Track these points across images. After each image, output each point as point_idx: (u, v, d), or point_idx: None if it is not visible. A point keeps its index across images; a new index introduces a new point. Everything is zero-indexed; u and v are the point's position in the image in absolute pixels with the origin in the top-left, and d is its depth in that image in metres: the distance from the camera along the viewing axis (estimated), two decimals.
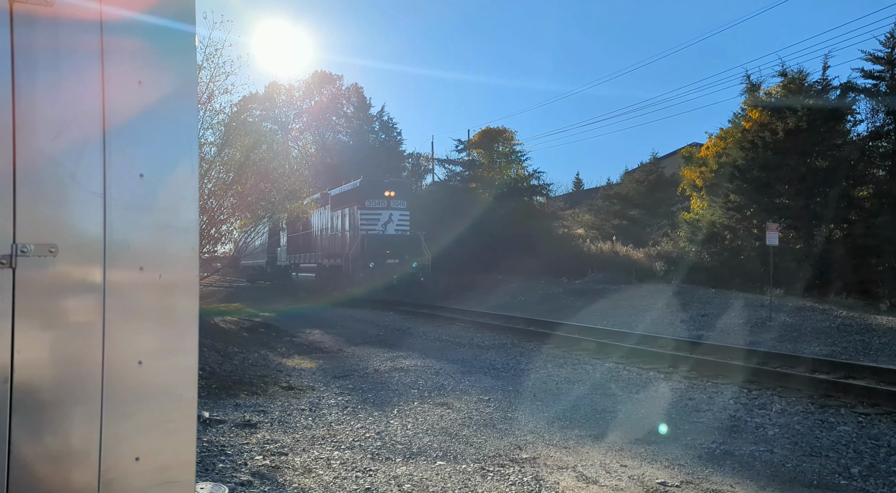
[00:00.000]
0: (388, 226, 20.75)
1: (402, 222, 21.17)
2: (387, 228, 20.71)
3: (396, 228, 20.97)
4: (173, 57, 2.53)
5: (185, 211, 2.55)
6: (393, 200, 20.85)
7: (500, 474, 4.33)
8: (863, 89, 19.91)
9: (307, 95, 45.42)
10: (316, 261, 23.86)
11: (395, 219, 20.93)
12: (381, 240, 20.32)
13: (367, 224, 20.36)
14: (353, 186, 22.03)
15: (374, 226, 20.47)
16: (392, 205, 20.82)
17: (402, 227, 21.13)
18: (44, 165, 2.27)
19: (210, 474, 4.15)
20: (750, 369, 8.20)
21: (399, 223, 21.05)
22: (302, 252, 26.17)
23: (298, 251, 26.63)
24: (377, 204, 20.66)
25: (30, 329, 2.26)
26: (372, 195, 20.72)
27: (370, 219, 20.45)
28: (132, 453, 2.42)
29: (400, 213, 21.10)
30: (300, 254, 26.34)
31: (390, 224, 20.83)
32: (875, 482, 4.31)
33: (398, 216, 21.04)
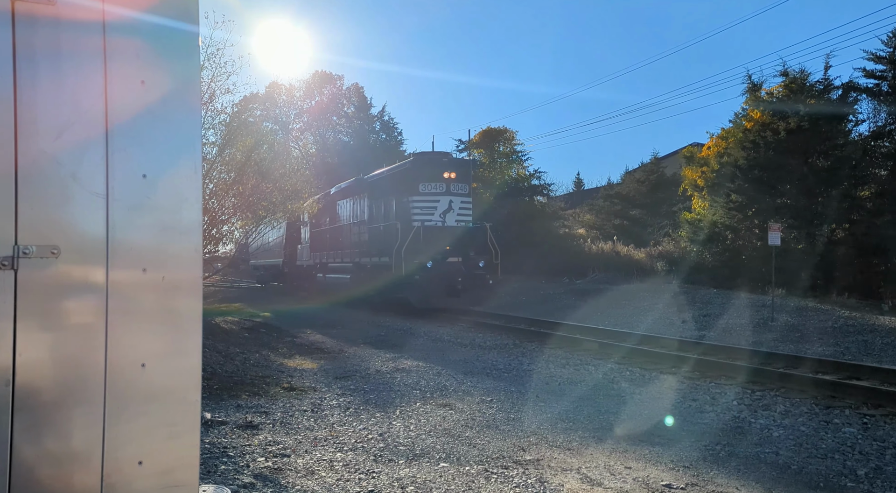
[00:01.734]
0: (447, 215, 16.62)
1: (465, 211, 17.02)
2: (446, 218, 16.61)
3: (458, 218, 16.80)
4: (176, 57, 2.51)
5: (187, 212, 2.53)
6: (453, 183, 16.71)
7: (504, 476, 4.30)
8: (865, 89, 19.88)
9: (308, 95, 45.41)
10: (351, 260, 19.68)
11: (455, 207, 16.70)
12: (439, 233, 16.31)
13: (422, 213, 16.41)
14: (402, 167, 17.79)
15: (431, 215, 16.42)
16: (452, 189, 16.69)
17: (464, 216, 16.94)
18: (46, 166, 2.25)
19: (212, 476, 4.13)
20: (753, 370, 8.18)
21: (461, 212, 16.86)
22: (331, 250, 22.11)
23: (326, 249, 22.61)
24: (434, 188, 16.57)
25: (32, 331, 2.24)
26: (427, 177, 16.57)
27: (425, 207, 16.48)
28: (135, 456, 2.40)
29: (462, 199, 16.90)
30: (328, 252, 22.25)
31: (450, 213, 16.67)
32: (882, 485, 4.28)
33: (460, 203, 16.85)
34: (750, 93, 22.19)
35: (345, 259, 20.26)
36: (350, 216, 20.92)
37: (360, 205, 20.05)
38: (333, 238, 22.13)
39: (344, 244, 20.77)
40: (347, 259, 19.99)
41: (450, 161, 17.48)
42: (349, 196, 21.09)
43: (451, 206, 16.70)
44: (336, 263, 21.19)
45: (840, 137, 19.97)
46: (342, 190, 22.15)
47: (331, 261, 21.76)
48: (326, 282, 22.10)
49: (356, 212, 20.41)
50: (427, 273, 15.69)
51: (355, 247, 19.60)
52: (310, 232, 24.61)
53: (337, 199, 22.43)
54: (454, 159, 17.72)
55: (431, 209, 16.55)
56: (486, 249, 16.93)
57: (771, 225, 14.71)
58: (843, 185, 19.02)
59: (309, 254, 24.48)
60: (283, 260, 27.63)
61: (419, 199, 16.61)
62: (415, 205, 16.61)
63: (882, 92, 19.43)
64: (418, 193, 16.58)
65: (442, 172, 16.71)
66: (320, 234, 23.64)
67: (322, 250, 23.00)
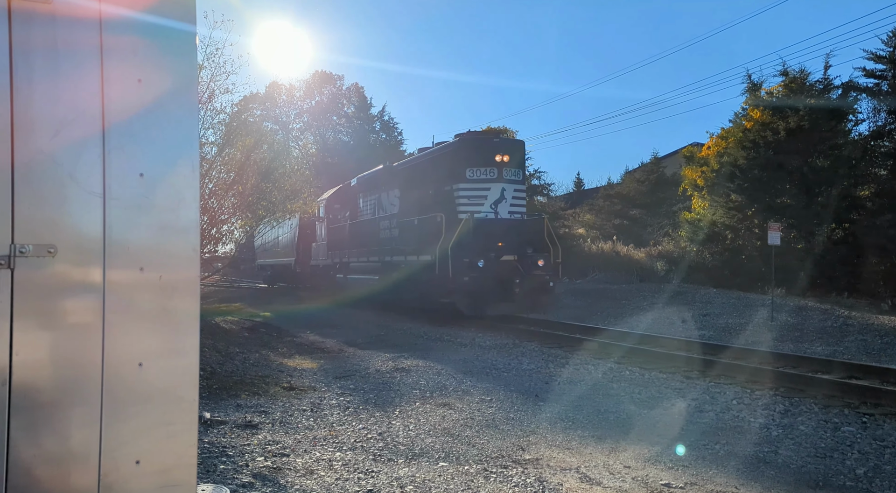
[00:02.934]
0: (500, 206, 14.12)
1: (519, 200, 14.55)
2: (499, 208, 14.11)
3: (511, 208, 14.29)
4: (174, 56, 2.51)
5: (185, 211, 2.52)
6: (506, 168, 14.23)
7: (503, 475, 4.30)
8: (864, 89, 19.89)
9: (308, 95, 45.44)
10: (379, 258, 17.30)
11: (508, 196, 14.21)
12: (491, 227, 13.95)
13: (470, 204, 14.02)
14: (444, 151, 15.38)
15: (481, 206, 14.02)
16: (505, 175, 14.21)
17: (518, 207, 14.48)
18: (42, 165, 2.25)
19: (211, 475, 4.13)
20: (752, 369, 8.17)
21: (515, 202, 14.36)
22: (353, 248, 19.54)
23: (347, 247, 20.06)
24: (484, 174, 14.17)
25: (29, 330, 2.23)
26: (475, 161, 14.23)
27: (474, 196, 14.09)
28: (132, 455, 2.40)
29: (515, 187, 14.43)
30: (350, 250, 19.70)
31: (503, 203, 14.15)
32: (881, 484, 4.28)
33: (513, 192, 14.34)
34: (750, 92, 22.21)
35: (371, 258, 17.93)
36: (376, 210, 18.53)
37: (389, 196, 17.64)
38: (356, 235, 19.66)
39: (369, 241, 18.34)
40: (374, 258, 17.66)
41: (502, 142, 14.93)
42: (375, 187, 18.72)
43: (503, 195, 14.19)
44: (360, 262, 18.85)
45: (840, 136, 19.98)
46: (366, 180, 19.80)
47: (353, 260, 19.39)
48: (348, 284, 19.79)
49: (384, 204, 17.99)
50: (479, 274, 13.21)
51: (384, 244, 17.27)
52: (327, 228, 22.36)
53: (359, 191, 20.16)
54: (506, 140, 15.16)
55: (481, 199, 14.12)
56: (545, 245, 14.56)
57: (770, 225, 14.72)
58: (842, 184, 19.03)
59: (326, 252, 22.15)
60: (294, 259, 25.75)
61: (466, 187, 14.20)
62: (461, 194, 14.20)
63: (882, 91, 19.43)
64: (465, 180, 14.17)
65: (493, 155, 14.19)
66: (340, 230, 21.18)
67: (342, 248, 20.56)
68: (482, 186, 14.18)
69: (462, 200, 14.14)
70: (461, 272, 13.16)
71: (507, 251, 13.82)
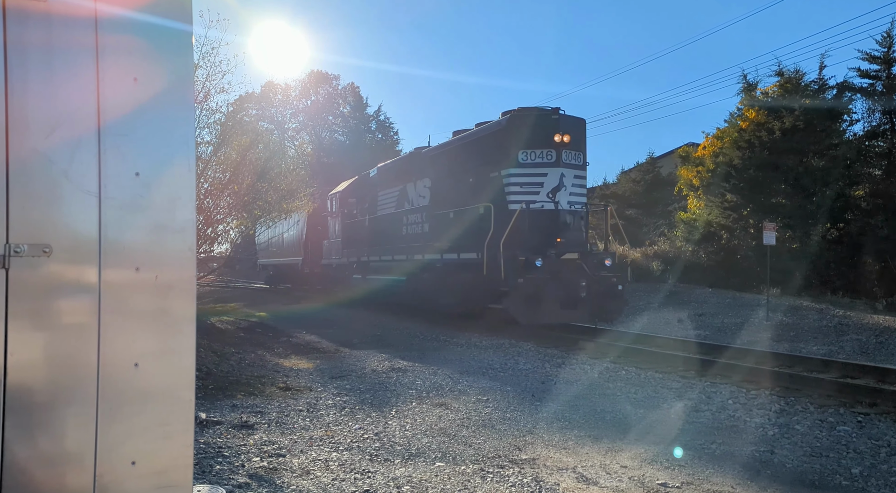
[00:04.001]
0: (559, 195, 11.96)
1: (579, 188, 12.42)
2: (558, 197, 11.96)
3: (571, 198, 12.14)
4: (169, 54, 2.50)
5: (181, 210, 2.51)
6: (566, 150, 12.02)
7: (500, 475, 4.30)
8: (859, 89, 20.00)
9: (303, 95, 45.44)
10: (407, 256, 15.43)
11: (569, 183, 12.06)
12: (549, 220, 11.92)
13: (523, 192, 11.96)
14: (490, 130, 13.14)
15: (536, 195, 11.92)
16: (565, 159, 12.01)
17: (578, 197, 12.36)
18: (37, 164, 2.24)
19: (207, 476, 4.12)
20: (748, 369, 8.19)
21: (575, 190, 12.24)
22: (374, 245, 17.57)
23: (367, 244, 18.06)
24: (540, 157, 11.99)
25: (23, 331, 2.22)
26: (530, 142, 12.08)
27: (528, 183, 11.99)
28: (128, 456, 2.38)
29: (576, 173, 12.28)
30: (370, 248, 17.74)
31: (562, 191, 11.98)
32: (876, 483, 4.29)
33: (573, 178, 12.19)
34: (745, 92, 22.29)
35: (396, 257, 16.00)
36: (401, 202, 16.46)
37: (418, 187, 15.56)
38: (377, 231, 17.56)
39: (393, 238, 16.38)
40: (401, 256, 15.72)
41: (562, 119, 12.31)
42: (399, 177, 16.71)
43: (562, 181, 11.97)
44: (382, 261, 16.83)
45: (835, 136, 20.07)
46: (388, 170, 17.86)
47: (374, 259, 17.42)
48: (367, 286, 17.73)
49: (411, 196, 15.92)
50: (536, 276, 11.18)
51: (411, 241, 15.40)
52: (341, 224, 20.10)
53: (380, 182, 18.03)
54: (567, 117, 12.47)
55: (536, 186, 11.97)
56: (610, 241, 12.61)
57: (766, 225, 14.76)
58: (837, 184, 19.11)
59: (341, 251, 20.01)
60: (302, 259, 23.68)
61: (519, 173, 12.05)
62: (512, 181, 12.07)
63: (876, 92, 19.54)
64: (517, 165, 12.04)
65: (551, 135, 11.98)
66: (357, 226, 19.10)
67: (360, 245, 18.52)
68: (538, 171, 12.02)
69: (513, 188, 12.04)
70: (515, 273, 11.20)
71: (568, 248, 11.88)
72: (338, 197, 20.82)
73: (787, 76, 20.89)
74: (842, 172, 19.26)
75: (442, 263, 13.75)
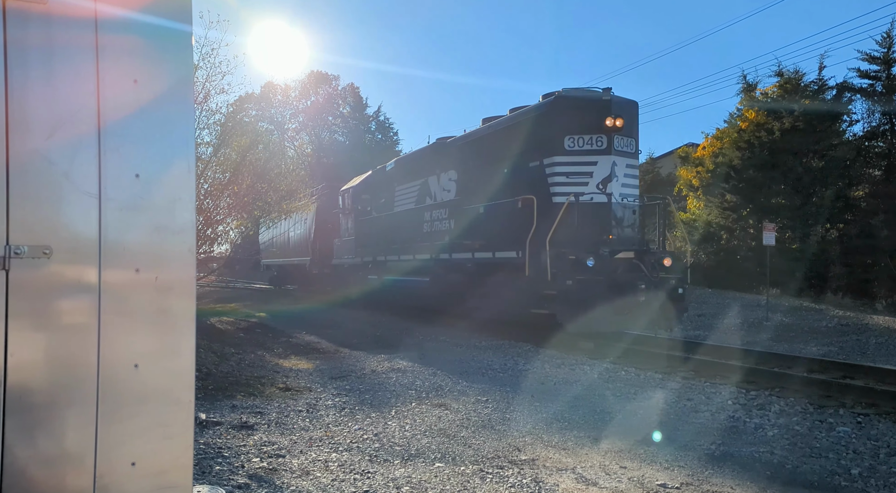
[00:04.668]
0: (610, 186, 10.83)
1: (632, 179, 11.27)
2: (610, 189, 10.82)
3: (624, 189, 11.04)
4: (169, 56, 2.51)
5: (181, 212, 2.52)
6: (618, 136, 10.88)
7: (499, 476, 4.30)
8: (859, 89, 20.01)
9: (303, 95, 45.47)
10: (431, 256, 14.15)
11: (620, 172, 10.93)
12: (600, 214, 10.78)
13: (569, 183, 10.79)
14: (531, 114, 11.83)
15: (584, 186, 10.76)
16: (617, 145, 10.87)
17: (630, 188, 11.22)
18: (38, 165, 2.24)
19: (207, 476, 4.12)
20: (747, 370, 8.20)
21: (628, 181, 11.13)
22: (392, 243, 16.34)
23: (383, 243, 16.87)
24: (589, 144, 10.85)
25: (23, 331, 2.22)
26: (578, 127, 10.90)
27: (575, 173, 10.82)
28: (128, 457, 2.39)
29: (628, 161, 11.13)
30: (388, 246, 16.52)
31: (614, 182, 10.85)
32: (875, 483, 4.29)
33: (626, 168, 11.08)
34: (745, 93, 22.31)
35: (418, 256, 14.76)
36: (422, 197, 15.29)
37: (442, 180, 14.41)
38: (395, 228, 16.42)
39: (413, 236, 15.23)
40: (424, 255, 14.49)
41: (614, 102, 11.04)
42: (420, 170, 15.56)
43: (613, 171, 10.79)
44: (402, 261, 15.65)
45: (834, 137, 20.09)
46: (407, 163, 16.74)
47: (392, 258, 16.26)
48: (384, 287, 16.63)
49: (433, 190, 14.76)
50: (587, 277, 10.02)
51: (436, 239, 14.25)
52: (354, 222, 18.95)
53: (397, 176, 16.91)
54: (619, 99, 11.20)
55: (584, 176, 10.79)
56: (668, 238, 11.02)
57: (766, 225, 14.78)
58: (837, 185, 19.13)
59: (354, 250, 18.83)
60: (310, 258, 22.44)
61: (565, 161, 10.84)
62: (557, 170, 10.86)
63: (876, 92, 19.54)
64: (563, 152, 10.86)
65: (602, 119, 10.77)
66: (372, 223, 17.91)
67: (376, 244, 17.29)
68: (586, 159, 10.81)
69: (558, 178, 10.83)
70: (563, 274, 10.07)
71: (621, 246, 10.75)
72: (350, 193, 19.64)
73: (786, 76, 20.91)
74: (841, 172, 19.28)
75: (473, 262, 12.55)
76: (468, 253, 12.63)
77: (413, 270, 14.90)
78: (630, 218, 11.21)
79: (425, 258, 14.37)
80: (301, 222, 23.17)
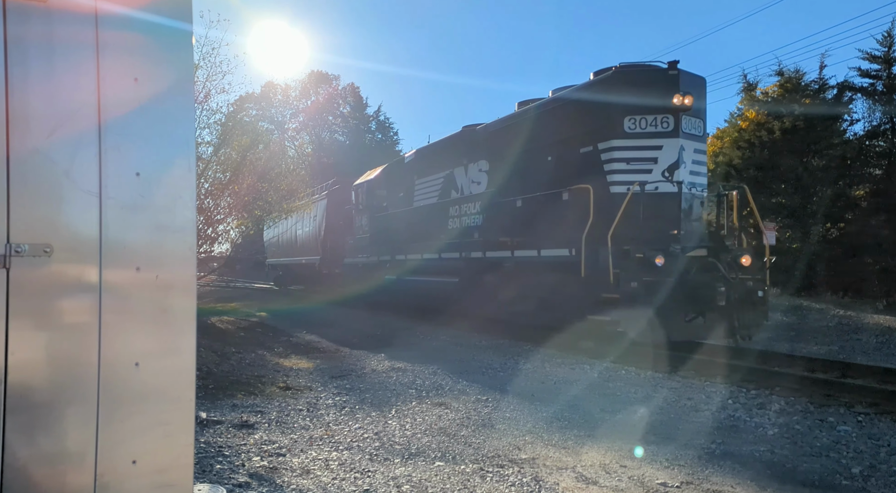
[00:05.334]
0: (678, 173, 9.58)
1: (700, 165, 10.11)
2: (678, 177, 9.58)
3: (693, 178, 9.88)
4: (170, 54, 2.51)
5: (181, 210, 2.52)
6: (686, 117, 9.62)
7: (500, 474, 4.30)
8: (860, 89, 20.00)
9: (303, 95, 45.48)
10: (461, 254, 12.93)
11: (688, 159, 9.74)
12: (667, 205, 9.55)
13: (631, 170, 9.60)
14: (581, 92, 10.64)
15: (647, 174, 9.53)
16: (685, 127, 9.63)
17: (699, 176, 10.09)
18: (38, 164, 2.24)
19: (207, 475, 4.12)
20: (747, 369, 8.20)
21: (696, 168, 9.95)
22: (413, 241, 15.13)
23: (402, 240, 15.69)
24: (653, 125, 9.58)
25: (24, 330, 2.23)
26: (640, 107, 9.67)
27: (637, 158, 9.63)
28: (129, 455, 2.39)
29: (696, 146, 9.93)
30: (408, 244, 15.35)
31: (682, 169, 9.61)
32: (876, 483, 4.29)
33: (694, 154, 9.89)
34: (745, 92, 22.30)
35: (444, 254, 13.72)
36: (447, 190, 14.20)
37: (472, 171, 13.21)
38: (415, 225, 15.23)
39: (437, 233, 14.09)
40: (452, 254, 13.34)
41: (683, 77, 9.67)
42: (443, 161, 14.40)
43: (681, 156, 9.50)
44: (425, 260, 14.48)
45: (835, 136, 20.08)
46: (427, 154, 15.46)
47: (413, 257, 15.00)
48: (403, 288, 15.50)
49: (460, 183, 13.68)
50: (655, 278, 8.78)
51: (464, 235, 13.07)
52: (370, 219, 17.83)
53: (419, 168, 15.74)
54: (687, 74, 9.80)
55: (647, 163, 9.54)
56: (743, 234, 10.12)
57: (767, 224, 14.76)
58: (837, 184, 19.12)
59: (369, 248, 17.65)
60: (320, 257, 21.36)
61: (624, 145, 9.61)
62: (615, 156, 9.66)
63: (877, 91, 19.53)
64: (622, 135, 9.62)
65: (669, 96, 9.46)
66: (389, 220, 16.74)
67: (393, 242, 16.13)
68: (650, 143, 9.55)
69: (616, 164, 9.59)
70: (628, 275, 8.87)
71: (691, 242, 9.44)
72: (364, 188, 18.42)
73: (787, 76, 20.90)
74: (842, 171, 19.27)
75: (513, 261, 11.31)
76: (506, 251, 11.47)
77: (438, 269, 13.84)
78: (698, 210, 10.02)
79: (453, 257, 13.29)
80: (310, 219, 22.28)
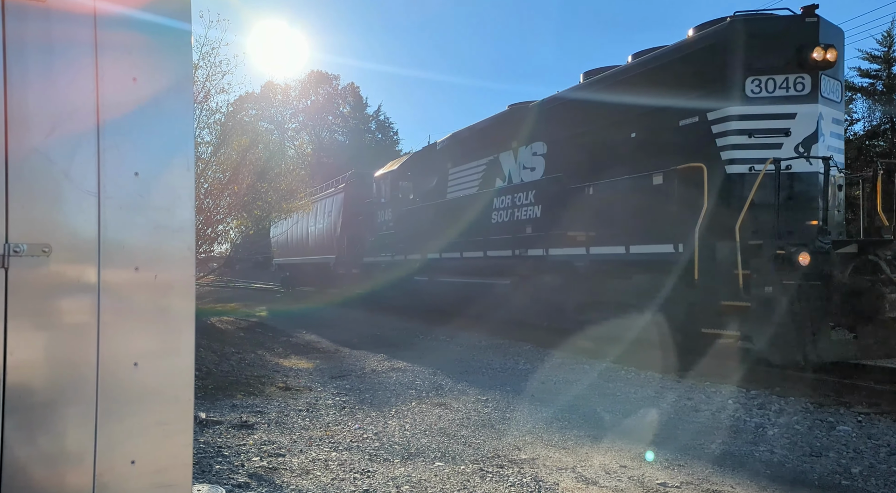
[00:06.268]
0: (817, 148, 7.61)
1: (838, 141, 8.29)
2: (816, 152, 7.58)
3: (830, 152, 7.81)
4: (169, 54, 2.51)
5: (180, 210, 2.52)
6: (826, 78, 7.75)
7: (499, 475, 4.30)
8: (860, 88, 20.00)
9: (303, 95, 45.48)
10: (513, 252, 11.22)
11: (826, 130, 7.84)
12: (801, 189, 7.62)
13: (754, 144, 7.67)
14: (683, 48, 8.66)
15: (777, 149, 7.56)
16: (824, 91, 7.77)
17: (838, 153, 8.27)
18: (37, 163, 2.24)
19: (207, 475, 4.12)
20: (747, 369, 8.18)
21: (833, 142, 8.11)
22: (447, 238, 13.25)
23: (434, 237, 13.72)
24: (784, 88, 7.66)
25: (23, 330, 2.22)
26: (768, 63, 7.67)
27: (763, 130, 7.67)
28: (128, 455, 2.39)
29: (835, 115, 8.01)
30: (442, 241, 13.44)
31: (821, 144, 7.66)
32: (876, 483, 4.29)
33: (832, 124, 8.00)
34: None
35: (490, 252, 11.86)
36: (490, 179, 12.43)
37: (523, 155, 11.40)
38: (451, 219, 13.17)
39: (478, 228, 12.13)
40: (503, 252, 11.45)
41: (822, 26, 7.80)
42: (486, 146, 12.62)
43: (819, 127, 7.61)
44: (464, 259, 12.72)
45: None
46: (465, 138, 13.69)
47: (451, 256, 13.20)
48: (441, 291, 13.78)
49: (508, 169, 11.86)
50: (798, 281, 6.71)
51: (516, 230, 11.12)
52: (394, 213, 16.02)
53: (453, 155, 13.95)
54: (827, 24, 7.94)
55: (776, 135, 7.61)
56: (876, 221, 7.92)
57: None
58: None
59: (394, 245, 15.85)
60: (335, 257, 19.45)
61: (745, 113, 7.69)
62: (733, 126, 7.72)
63: (877, 91, 19.54)
64: (744, 100, 7.67)
65: (806, 50, 7.56)
66: (417, 214, 14.88)
67: (424, 239, 14.22)
68: (780, 110, 7.60)
69: (735, 137, 7.65)
70: (763, 278, 6.92)
71: (823, 236, 6.98)
72: (388, 179, 16.62)
73: None
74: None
75: (587, 260, 9.46)
76: (578, 249, 9.55)
77: (481, 270, 12.16)
78: (839, 195, 8.23)
79: (505, 255, 11.34)
80: (324, 215, 20.35)
